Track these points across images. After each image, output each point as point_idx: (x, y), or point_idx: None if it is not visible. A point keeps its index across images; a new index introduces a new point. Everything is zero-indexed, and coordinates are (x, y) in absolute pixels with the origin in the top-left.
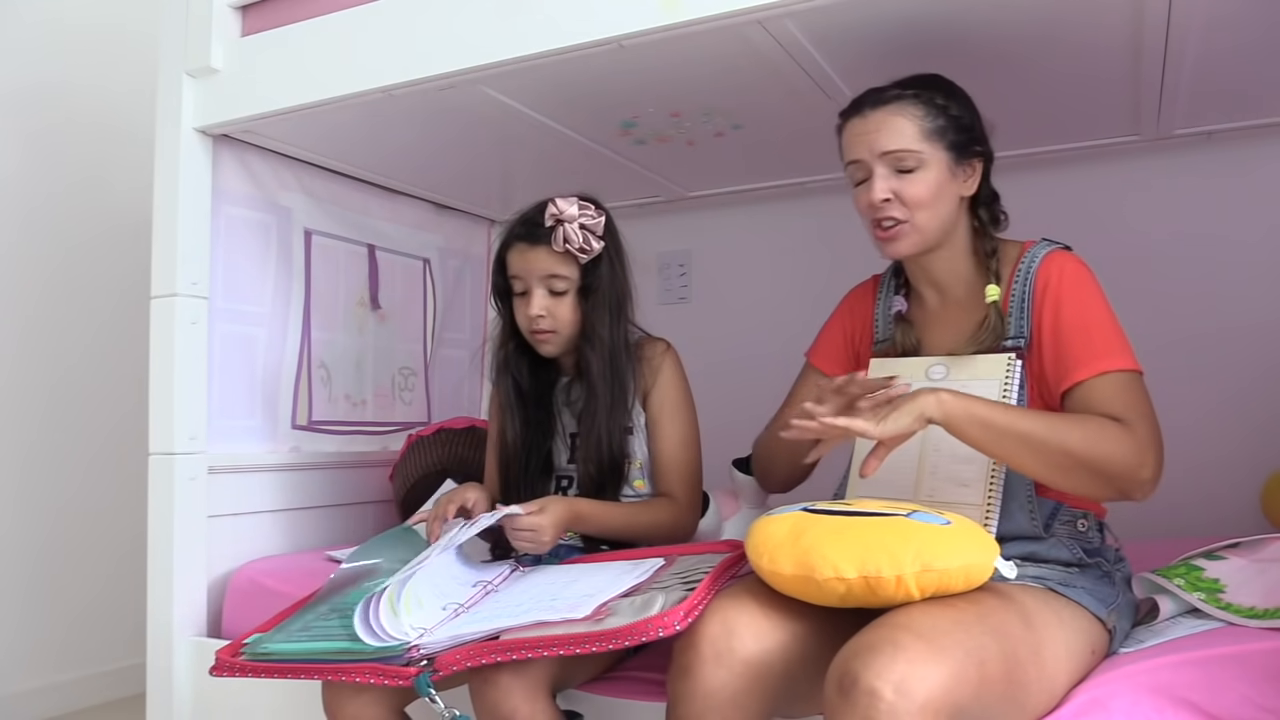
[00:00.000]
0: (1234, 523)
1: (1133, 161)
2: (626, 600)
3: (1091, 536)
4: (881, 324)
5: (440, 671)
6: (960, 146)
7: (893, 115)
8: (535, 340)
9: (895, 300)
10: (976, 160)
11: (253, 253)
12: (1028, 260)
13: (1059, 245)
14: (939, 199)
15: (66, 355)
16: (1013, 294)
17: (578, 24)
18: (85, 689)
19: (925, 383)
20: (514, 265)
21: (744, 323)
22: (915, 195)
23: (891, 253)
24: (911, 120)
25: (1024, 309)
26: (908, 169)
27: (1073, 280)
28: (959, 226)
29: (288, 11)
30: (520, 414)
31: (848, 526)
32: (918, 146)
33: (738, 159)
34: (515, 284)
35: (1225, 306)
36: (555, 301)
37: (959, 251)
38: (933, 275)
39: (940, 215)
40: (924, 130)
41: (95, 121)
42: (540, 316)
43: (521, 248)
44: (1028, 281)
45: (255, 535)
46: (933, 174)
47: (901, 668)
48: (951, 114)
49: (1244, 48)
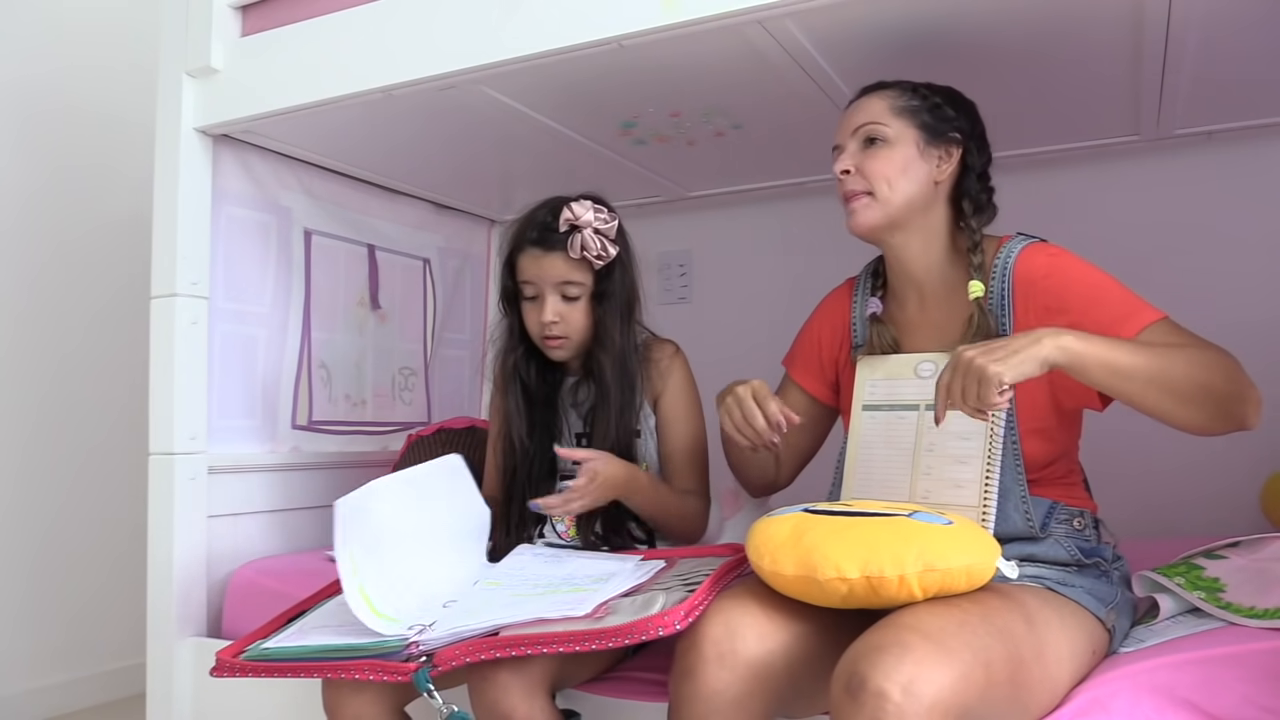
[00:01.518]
0: (1234, 523)
1: (1133, 161)
2: (627, 599)
3: (1088, 534)
4: (860, 328)
5: (439, 666)
6: (932, 128)
7: (871, 97)
8: (546, 346)
9: (871, 302)
10: (953, 147)
11: (253, 253)
12: (1003, 256)
13: (1034, 238)
14: (903, 174)
15: (66, 355)
16: (990, 291)
17: (578, 24)
18: (85, 689)
19: (914, 380)
20: (526, 270)
21: (744, 323)
22: (874, 167)
23: (853, 225)
24: (883, 99)
25: (1004, 306)
26: (873, 141)
27: (1062, 266)
28: (933, 214)
29: (288, 11)
30: (527, 417)
31: (849, 527)
32: (884, 120)
33: (738, 159)
34: (526, 289)
35: (1225, 306)
36: (568, 307)
37: (934, 242)
38: (908, 269)
39: (904, 192)
40: (894, 107)
41: (95, 121)
42: (554, 323)
43: (535, 253)
44: (1005, 278)
45: (255, 535)
46: (898, 150)
47: (909, 669)
48: (929, 99)
49: (1244, 48)
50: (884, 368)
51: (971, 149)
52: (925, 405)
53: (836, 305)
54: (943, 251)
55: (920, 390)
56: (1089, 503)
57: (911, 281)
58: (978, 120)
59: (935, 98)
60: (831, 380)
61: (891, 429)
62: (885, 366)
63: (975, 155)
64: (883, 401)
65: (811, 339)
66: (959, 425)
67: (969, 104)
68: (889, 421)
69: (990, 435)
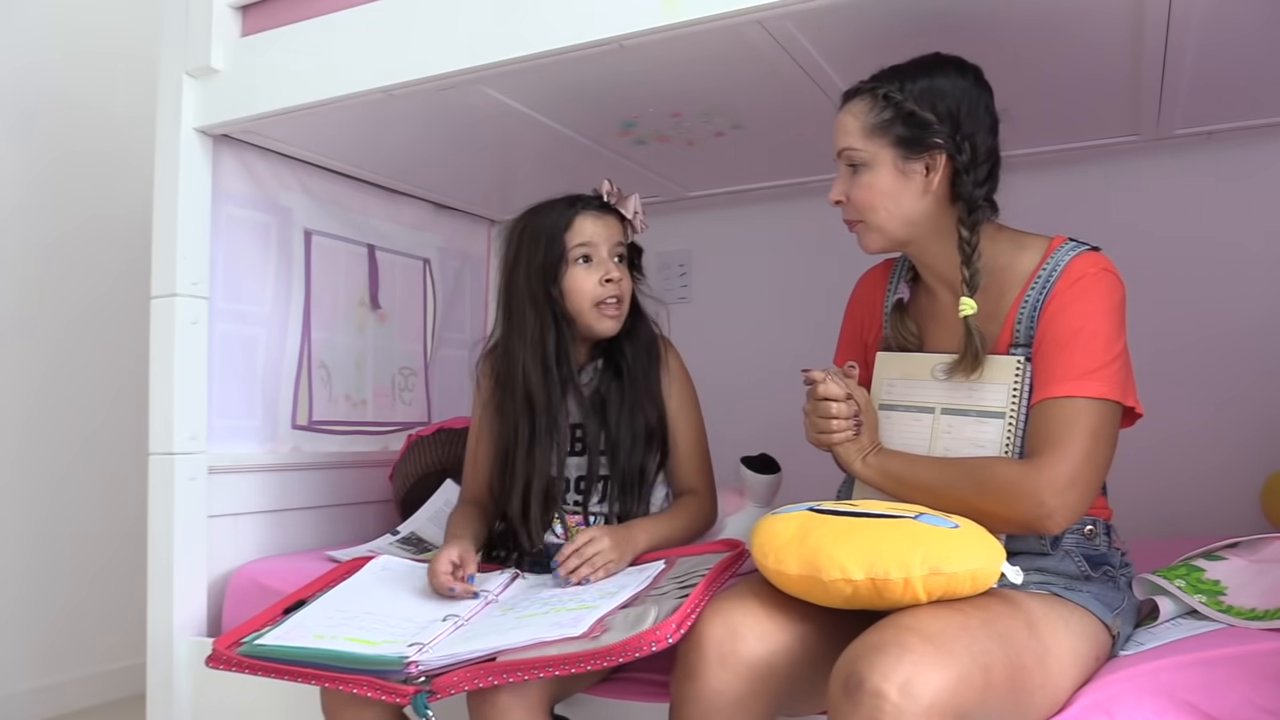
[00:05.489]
0: (1234, 523)
1: (1133, 161)
2: (622, 614)
3: (1099, 542)
4: (890, 316)
5: (438, 694)
6: (907, 141)
7: (845, 114)
8: (601, 312)
9: (900, 288)
10: (936, 153)
11: (253, 253)
12: (1050, 266)
13: (1087, 247)
14: (887, 198)
15: (65, 355)
16: (1025, 300)
17: (578, 24)
18: (85, 689)
19: (930, 382)
20: (585, 231)
21: (744, 322)
22: (859, 197)
23: (863, 248)
24: (855, 117)
25: (1035, 314)
26: (856, 166)
27: (1083, 289)
28: (941, 218)
29: (288, 11)
30: (555, 411)
31: (855, 527)
32: (860, 144)
33: (738, 159)
34: (580, 251)
35: (1225, 306)
36: (622, 271)
37: (952, 241)
38: (932, 269)
39: (898, 213)
40: (865, 127)
41: (95, 121)
42: (619, 279)
43: (595, 214)
44: (1046, 289)
45: (255, 535)
46: (879, 174)
47: (907, 669)
48: (903, 108)
49: (1244, 48)
50: (901, 367)
51: (964, 146)
52: (941, 409)
53: (872, 287)
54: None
55: (936, 392)
56: (1103, 510)
57: (939, 278)
58: (971, 102)
59: (909, 103)
60: (871, 361)
61: (906, 429)
62: (903, 366)
63: (967, 152)
64: (898, 401)
65: (854, 324)
66: (973, 430)
67: (957, 85)
68: (903, 422)
69: (1006, 442)
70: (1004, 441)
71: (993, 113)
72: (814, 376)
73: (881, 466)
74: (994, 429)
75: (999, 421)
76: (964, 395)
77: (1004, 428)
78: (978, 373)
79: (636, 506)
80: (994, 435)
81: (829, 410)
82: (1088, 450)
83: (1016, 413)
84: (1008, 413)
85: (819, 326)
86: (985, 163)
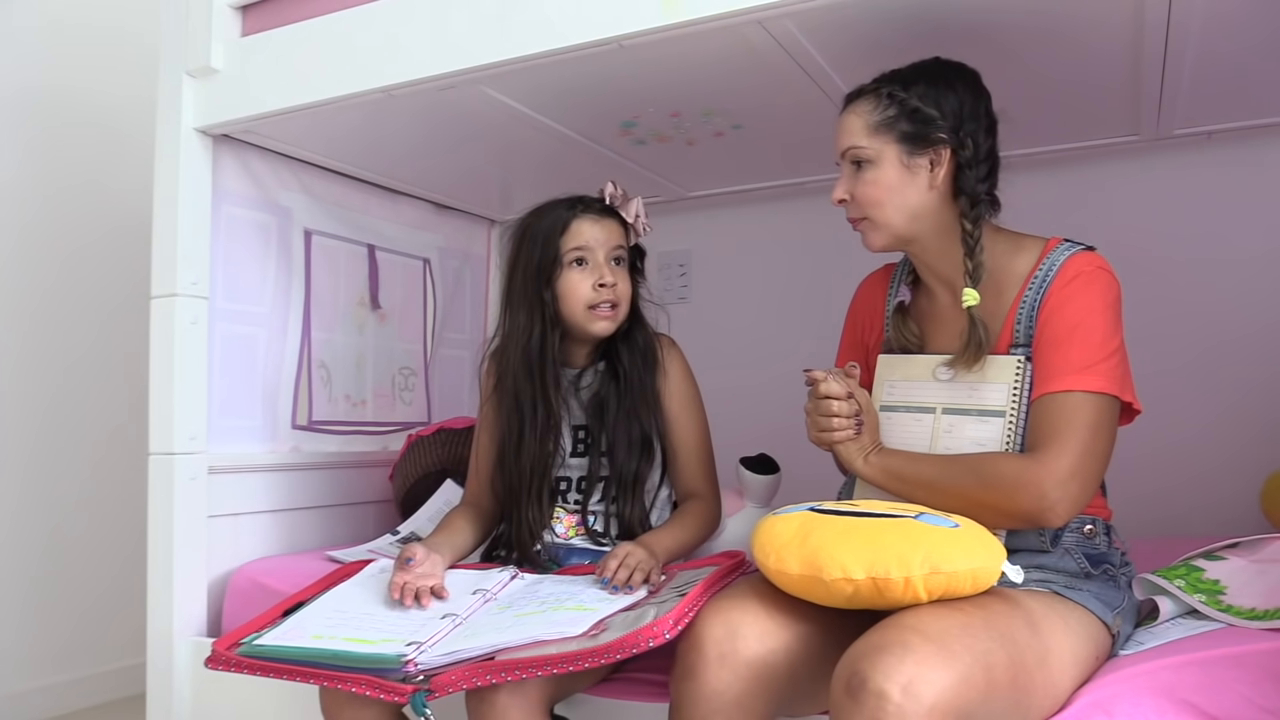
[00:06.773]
0: (1234, 523)
1: (1133, 161)
2: (621, 616)
3: (1098, 541)
4: (891, 319)
5: (436, 693)
6: (912, 137)
7: (849, 114)
8: (594, 317)
9: (901, 290)
10: (941, 148)
11: (253, 253)
12: (1047, 264)
13: (1082, 246)
14: (893, 193)
15: (67, 356)
16: (1024, 299)
17: (578, 24)
18: (85, 689)
19: (932, 383)
20: (582, 234)
21: (744, 322)
22: (864, 194)
23: (867, 246)
24: (860, 116)
25: (1033, 313)
26: (861, 164)
27: (1079, 287)
28: (944, 215)
29: (288, 11)
30: (543, 412)
31: (856, 527)
32: (864, 142)
33: (738, 159)
34: (576, 255)
35: (1225, 305)
36: (619, 275)
37: (953, 239)
38: (933, 268)
39: (904, 210)
40: (870, 124)
41: (95, 122)
42: (613, 284)
43: (593, 218)
44: (1044, 287)
45: (255, 535)
46: (884, 170)
47: (910, 669)
48: (907, 105)
49: (1244, 48)
50: (902, 369)
51: (966, 142)
52: (942, 409)
53: (872, 291)
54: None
55: (937, 392)
56: (1103, 509)
57: (939, 278)
58: (972, 103)
59: (913, 100)
60: (872, 365)
61: (907, 430)
62: (904, 368)
63: (970, 148)
64: (899, 403)
65: (855, 328)
66: (974, 430)
67: (957, 87)
68: (905, 423)
69: (1007, 441)
70: (1005, 440)
71: (991, 114)
72: (815, 375)
73: (883, 464)
74: (995, 428)
75: (1000, 421)
76: (965, 395)
77: (1005, 427)
78: (980, 364)
79: (633, 508)
80: (995, 434)
81: (830, 409)
82: (1088, 443)
83: (1017, 412)
84: (1008, 412)
85: (819, 326)
86: (985, 161)
